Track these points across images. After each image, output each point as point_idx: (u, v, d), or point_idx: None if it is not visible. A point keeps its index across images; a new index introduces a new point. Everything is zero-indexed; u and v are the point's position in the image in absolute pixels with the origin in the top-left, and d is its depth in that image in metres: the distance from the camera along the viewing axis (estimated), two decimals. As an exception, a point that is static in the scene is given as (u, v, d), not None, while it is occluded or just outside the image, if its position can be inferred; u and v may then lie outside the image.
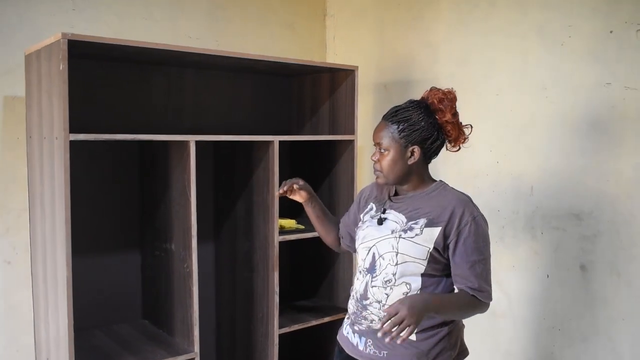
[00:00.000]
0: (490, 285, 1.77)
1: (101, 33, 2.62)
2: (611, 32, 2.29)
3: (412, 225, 1.77)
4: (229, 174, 2.78)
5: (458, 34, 2.86)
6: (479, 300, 1.75)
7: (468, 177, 2.81)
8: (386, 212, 1.86)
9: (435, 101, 1.79)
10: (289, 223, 2.74)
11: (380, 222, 1.85)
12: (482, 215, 1.78)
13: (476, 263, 1.73)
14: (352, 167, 2.83)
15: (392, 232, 1.79)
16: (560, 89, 2.46)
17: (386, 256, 1.78)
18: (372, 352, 1.81)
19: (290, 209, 3.18)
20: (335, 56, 3.57)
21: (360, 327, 1.85)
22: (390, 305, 1.62)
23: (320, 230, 2.20)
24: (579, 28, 2.38)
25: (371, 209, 1.94)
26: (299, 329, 2.72)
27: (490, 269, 1.77)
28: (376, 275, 1.80)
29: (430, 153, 1.82)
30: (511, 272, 2.67)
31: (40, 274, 2.28)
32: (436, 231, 1.73)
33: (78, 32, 2.52)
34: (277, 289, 2.55)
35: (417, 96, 1.88)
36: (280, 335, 2.61)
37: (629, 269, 2.27)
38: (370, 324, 1.80)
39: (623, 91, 2.26)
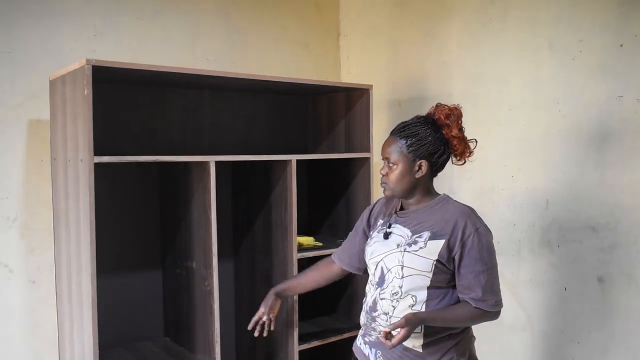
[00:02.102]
0: (496, 294, 1.80)
1: (121, 57, 2.70)
2: (621, 45, 2.32)
3: (417, 239, 1.81)
4: (247, 193, 2.82)
5: (470, 51, 2.90)
6: (483, 310, 1.79)
7: (483, 191, 2.84)
8: (392, 226, 1.91)
9: (442, 117, 1.84)
10: (307, 240, 2.77)
11: (386, 236, 1.90)
12: (485, 226, 1.82)
13: (480, 273, 1.76)
14: (369, 184, 2.86)
15: (398, 246, 1.84)
16: (572, 102, 2.49)
17: (393, 270, 1.83)
18: None
19: (308, 226, 3.21)
20: (349, 75, 3.63)
21: (370, 339, 1.90)
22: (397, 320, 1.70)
23: (312, 284, 2.24)
24: (590, 42, 2.42)
25: (380, 225, 1.98)
26: (318, 345, 2.74)
27: (495, 278, 1.81)
28: (384, 288, 1.85)
29: (436, 167, 1.88)
30: (529, 285, 2.68)
31: (65, 293, 2.33)
32: (440, 243, 1.77)
33: (99, 56, 2.59)
34: (296, 305, 2.58)
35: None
36: (300, 352, 2.63)
37: (647, 280, 2.28)
38: (379, 336, 1.83)
39: (635, 104, 2.28)
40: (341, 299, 3.06)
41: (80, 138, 2.04)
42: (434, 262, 1.77)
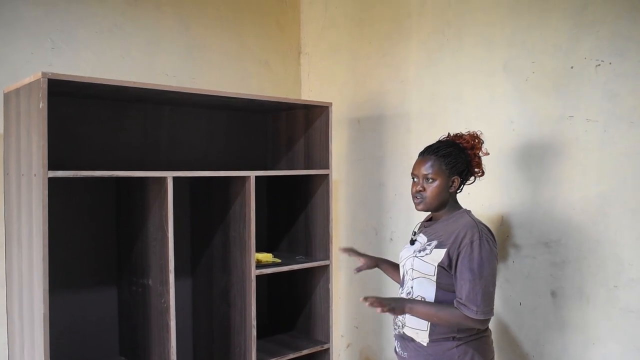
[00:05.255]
0: (481, 303, 1.94)
1: (79, 71, 2.67)
2: (572, 67, 2.39)
3: (426, 247, 2.09)
4: (205, 209, 2.81)
5: (428, 71, 2.96)
6: (463, 314, 1.95)
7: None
8: (416, 235, 2.21)
9: (469, 139, 2.15)
10: (266, 257, 2.76)
11: (412, 242, 2.20)
12: (485, 241, 1.99)
13: (467, 281, 1.96)
14: (328, 201, 2.88)
15: (414, 252, 2.13)
16: (526, 121, 2.55)
17: (409, 272, 2.12)
18: (400, 352, 2.16)
19: (267, 243, 3.21)
20: (310, 92, 3.65)
21: (394, 332, 2.19)
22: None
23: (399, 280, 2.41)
24: (542, 64, 2.49)
25: (412, 234, 2.28)
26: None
27: (483, 290, 1.95)
28: (403, 289, 2.17)
29: (462, 184, 2.15)
30: (485, 301, 2.71)
31: (16, 310, 2.27)
32: (442, 252, 2.02)
33: (57, 70, 2.56)
34: (254, 322, 2.57)
35: (389, 130, 1.98)
36: (258, 369, 2.62)
37: (597, 293, 2.34)
38: (400, 329, 2.13)
39: (585, 123, 2.35)
40: (300, 317, 3.06)
41: (34, 152, 2.01)
42: (436, 267, 2.02)
